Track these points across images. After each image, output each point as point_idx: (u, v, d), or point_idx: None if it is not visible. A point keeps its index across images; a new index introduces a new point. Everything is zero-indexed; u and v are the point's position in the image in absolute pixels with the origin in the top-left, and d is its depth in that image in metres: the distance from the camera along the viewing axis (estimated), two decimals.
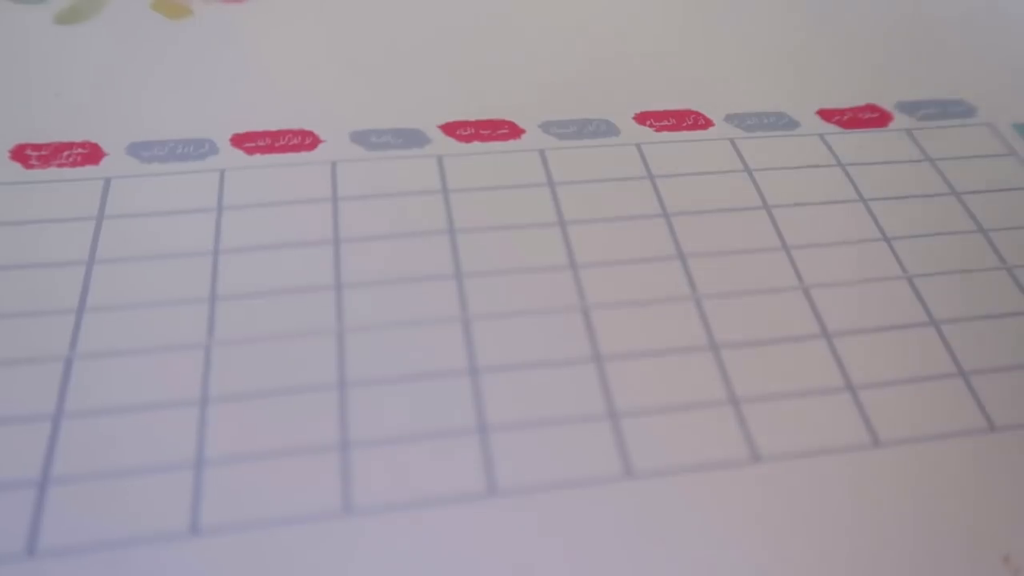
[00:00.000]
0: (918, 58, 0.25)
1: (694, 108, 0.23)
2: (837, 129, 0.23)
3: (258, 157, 0.20)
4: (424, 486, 0.15)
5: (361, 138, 0.21)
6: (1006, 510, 0.16)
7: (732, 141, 0.22)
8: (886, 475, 0.16)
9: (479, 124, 0.22)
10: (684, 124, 0.22)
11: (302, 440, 0.16)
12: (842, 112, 0.23)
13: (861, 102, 0.24)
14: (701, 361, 0.17)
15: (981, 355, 0.18)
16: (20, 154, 0.20)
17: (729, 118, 0.23)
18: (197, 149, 0.21)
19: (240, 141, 0.21)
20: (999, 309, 0.19)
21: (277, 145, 0.21)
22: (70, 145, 0.20)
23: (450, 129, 0.22)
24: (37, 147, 0.20)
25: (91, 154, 0.20)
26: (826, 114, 0.23)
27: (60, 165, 0.20)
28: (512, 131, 0.22)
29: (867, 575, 0.15)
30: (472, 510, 0.15)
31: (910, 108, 0.24)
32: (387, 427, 0.16)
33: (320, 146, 0.21)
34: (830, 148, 0.22)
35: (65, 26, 0.24)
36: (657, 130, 0.22)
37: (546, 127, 0.22)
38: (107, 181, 0.20)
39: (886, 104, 0.24)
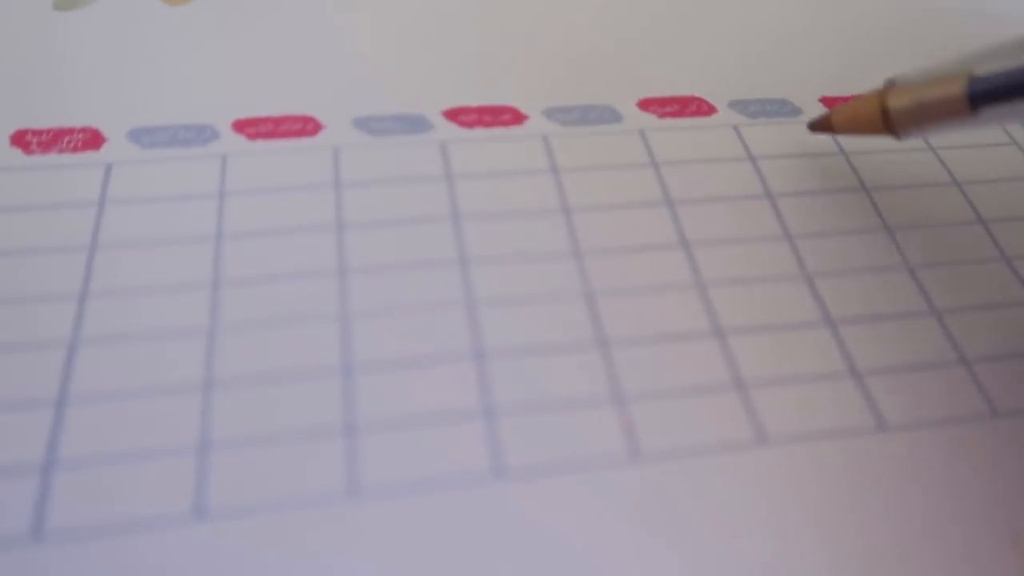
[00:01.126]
0: (920, 46, 0.25)
1: (698, 94, 0.23)
2: None
3: (260, 143, 0.20)
4: (430, 470, 0.15)
5: (363, 124, 0.21)
6: (1013, 494, 0.16)
7: (735, 128, 0.22)
8: (892, 458, 0.16)
9: (482, 110, 0.22)
10: (688, 110, 0.22)
11: (307, 424, 0.16)
12: (845, 100, 0.23)
13: (863, 90, 0.23)
14: (705, 347, 0.17)
15: (982, 343, 0.18)
16: (20, 140, 0.20)
17: (733, 104, 0.22)
18: (199, 134, 0.20)
19: (242, 127, 0.21)
20: (999, 299, 0.19)
21: (279, 131, 0.21)
22: (71, 131, 0.20)
23: (453, 115, 0.21)
24: (38, 132, 0.20)
25: (92, 139, 0.20)
26: (828, 102, 0.23)
27: (61, 151, 0.20)
28: (515, 117, 0.22)
29: (874, 558, 0.15)
30: (479, 494, 0.15)
31: None
32: (393, 411, 0.16)
33: (322, 132, 0.21)
34: (833, 136, 0.22)
35: (64, 12, 0.24)
36: (661, 116, 0.22)
37: (549, 113, 0.22)
38: (108, 167, 0.20)
39: None
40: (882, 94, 0.19)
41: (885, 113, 0.19)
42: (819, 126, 0.21)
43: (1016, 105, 0.17)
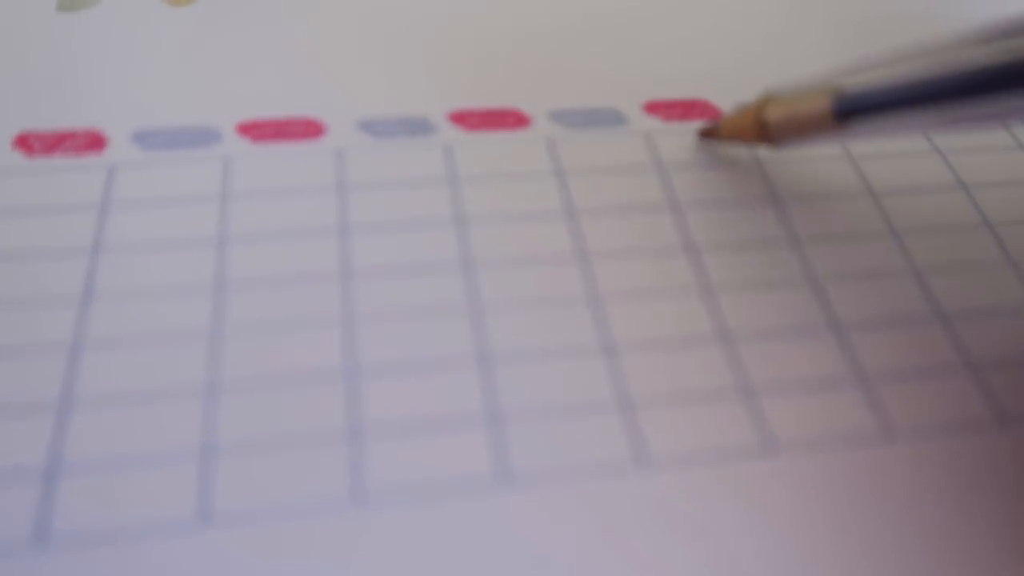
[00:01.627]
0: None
1: (703, 97, 0.23)
2: None
3: (264, 145, 0.20)
4: (435, 477, 0.15)
5: (368, 127, 0.21)
6: (1019, 501, 0.16)
7: None
8: (900, 466, 0.16)
9: (486, 113, 0.22)
10: (693, 113, 0.22)
11: (311, 429, 0.15)
12: None
13: None
14: (712, 352, 0.17)
15: (991, 349, 0.18)
16: (23, 142, 0.20)
17: (738, 107, 0.22)
18: (202, 137, 0.20)
19: (245, 129, 0.21)
20: (1008, 303, 0.19)
21: (283, 133, 0.21)
22: (73, 133, 0.20)
23: (457, 118, 0.21)
24: (40, 135, 0.20)
25: (95, 142, 0.20)
26: None
27: (64, 153, 0.20)
28: (519, 120, 0.21)
29: (881, 569, 0.15)
30: (484, 500, 0.15)
31: None
32: (397, 416, 0.16)
33: (326, 134, 0.21)
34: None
35: (68, 13, 0.24)
36: (666, 119, 0.22)
37: (554, 116, 0.22)
38: (111, 169, 0.19)
39: None
40: (759, 106, 0.19)
41: (763, 125, 0.19)
42: (708, 133, 0.21)
43: (884, 120, 0.17)
